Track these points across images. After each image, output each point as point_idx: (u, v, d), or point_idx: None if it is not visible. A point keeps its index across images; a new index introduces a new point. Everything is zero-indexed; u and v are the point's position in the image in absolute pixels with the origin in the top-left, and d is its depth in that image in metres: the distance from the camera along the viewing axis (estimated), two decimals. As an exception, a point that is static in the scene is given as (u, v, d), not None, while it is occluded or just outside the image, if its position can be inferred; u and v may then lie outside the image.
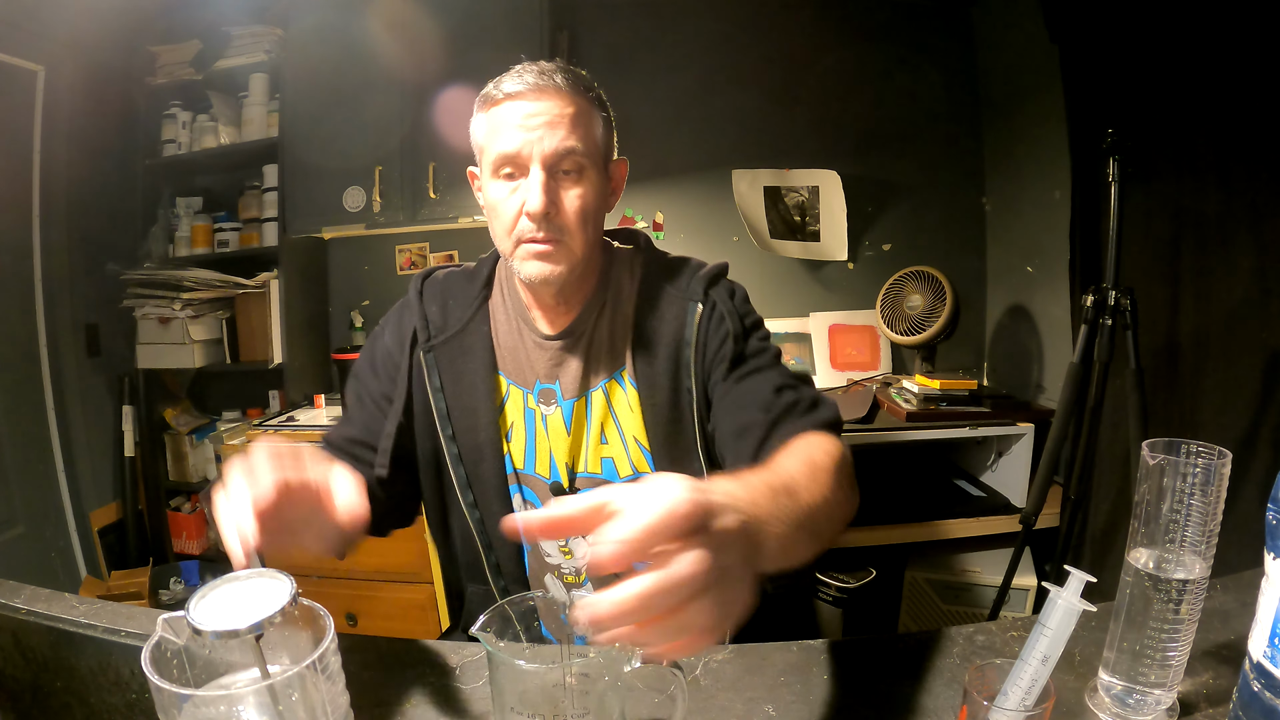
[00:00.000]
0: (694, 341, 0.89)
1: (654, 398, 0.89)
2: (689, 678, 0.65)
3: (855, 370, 2.39)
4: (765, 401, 0.84)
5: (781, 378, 0.88)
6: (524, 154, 0.82)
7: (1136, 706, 0.58)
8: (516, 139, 0.82)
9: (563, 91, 0.83)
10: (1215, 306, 1.59)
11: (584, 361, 0.91)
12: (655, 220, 2.49)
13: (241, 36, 2.41)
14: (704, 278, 0.93)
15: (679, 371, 0.90)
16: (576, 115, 0.84)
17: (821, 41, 2.38)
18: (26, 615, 0.80)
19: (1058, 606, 0.51)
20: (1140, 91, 1.66)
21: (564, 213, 0.84)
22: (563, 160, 0.84)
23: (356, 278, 2.63)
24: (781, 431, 0.80)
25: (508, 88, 0.83)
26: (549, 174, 0.83)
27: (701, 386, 0.89)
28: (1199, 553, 0.55)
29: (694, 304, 0.91)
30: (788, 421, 0.82)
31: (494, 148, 0.84)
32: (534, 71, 0.84)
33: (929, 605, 1.93)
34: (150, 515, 2.60)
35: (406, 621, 2.06)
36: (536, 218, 0.83)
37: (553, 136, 0.82)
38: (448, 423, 0.91)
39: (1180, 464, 0.55)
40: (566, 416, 0.91)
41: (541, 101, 0.83)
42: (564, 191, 0.84)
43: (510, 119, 0.83)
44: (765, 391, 0.85)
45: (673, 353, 0.90)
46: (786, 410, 0.83)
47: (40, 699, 0.82)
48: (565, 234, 0.85)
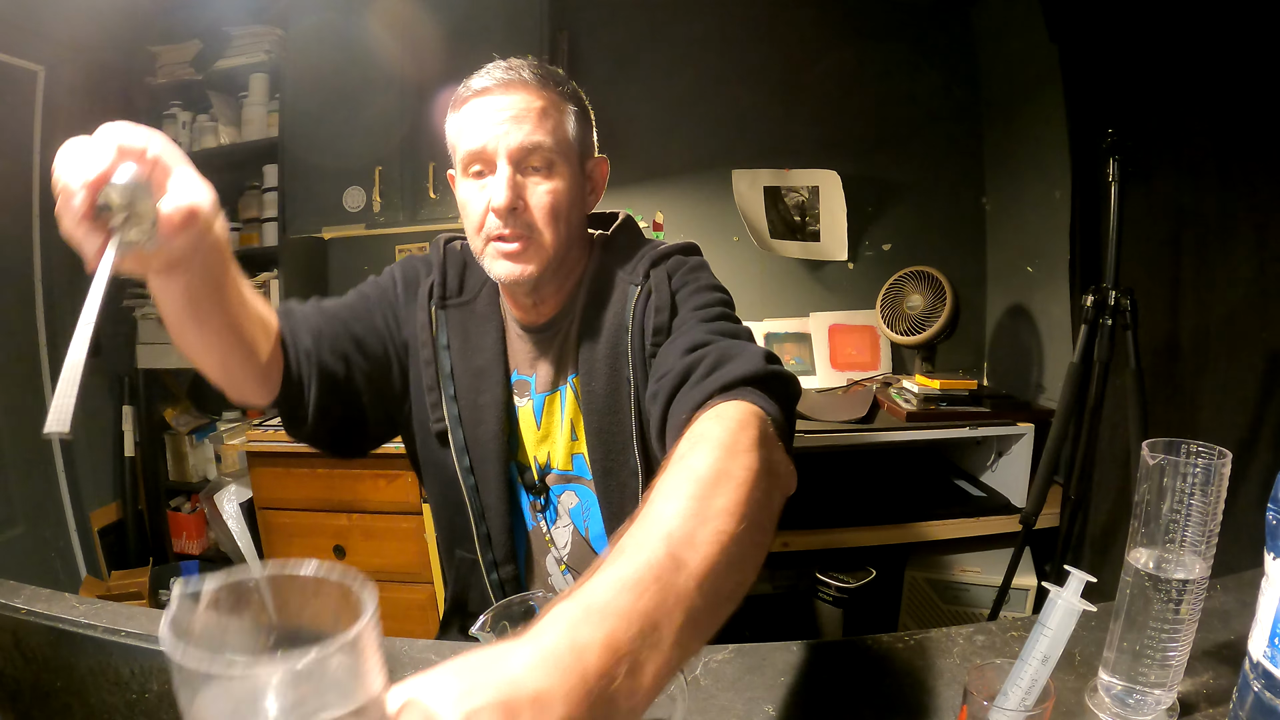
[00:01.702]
0: (630, 327, 0.85)
1: (591, 385, 0.85)
2: (689, 678, 0.65)
3: (855, 370, 2.39)
4: (667, 368, 0.71)
5: (697, 335, 0.74)
6: (489, 149, 0.80)
7: (1136, 706, 0.58)
8: (483, 135, 0.80)
9: (530, 85, 0.81)
10: (1215, 306, 1.59)
11: (557, 356, 0.90)
12: (655, 220, 2.49)
13: (241, 36, 2.41)
14: (650, 258, 0.87)
15: (617, 360, 0.85)
16: (545, 109, 0.81)
17: (821, 41, 2.38)
18: (26, 615, 0.80)
19: (1058, 606, 0.52)
20: (1140, 91, 1.66)
21: (531, 209, 0.81)
22: (530, 155, 0.81)
23: (356, 278, 2.56)
24: (680, 405, 0.67)
25: (475, 84, 0.81)
26: (516, 169, 0.80)
27: (643, 377, 0.83)
28: (1199, 553, 0.55)
29: (634, 287, 0.86)
30: (687, 390, 0.67)
31: (463, 145, 0.82)
32: (502, 67, 0.82)
33: (929, 605, 1.93)
34: (150, 515, 2.60)
35: (406, 621, 2.06)
36: (503, 213, 0.80)
37: (519, 130, 0.79)
38: (450, 382, 0.89)
39: (1180, 464, 0.55)
40: (537, 410, 0.90)
41: (508, 96, 0.80)
42: (532, 187, 0.81)
43: (478, 115, 0.81)
44: (672, 357, 0.73)
45: (612, 339, 0.85)
46: (684, 375, 0.68)
47: (40, 699, 0.82)
48: (534, 231, 0.81)
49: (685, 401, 0.65)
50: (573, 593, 0.37)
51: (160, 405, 2.62)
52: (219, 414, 2.68)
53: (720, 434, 0.53)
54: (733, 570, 0.43)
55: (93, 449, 2.46)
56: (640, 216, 2.48)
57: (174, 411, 2.63)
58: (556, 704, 0.31)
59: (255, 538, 2.32)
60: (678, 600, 0.39)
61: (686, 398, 0.65)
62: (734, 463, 0.49)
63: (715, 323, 0.77)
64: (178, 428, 2.60)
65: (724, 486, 0.47)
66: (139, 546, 2.56)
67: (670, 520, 0.43)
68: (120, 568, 2.47)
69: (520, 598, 0.59)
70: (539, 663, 0.32)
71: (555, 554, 0.93)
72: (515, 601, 0.58)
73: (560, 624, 0.34)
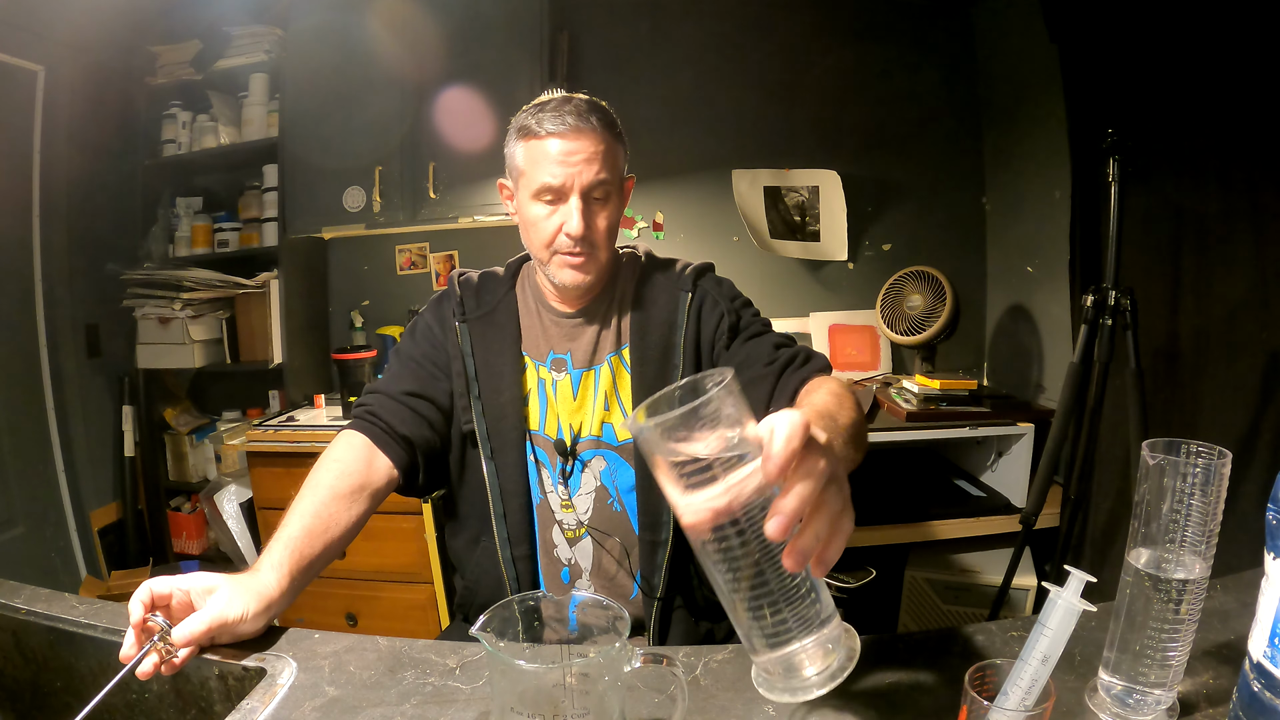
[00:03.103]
0: (683, 326, 1.05)
1: (644, 372, 1.04)
2: (689, 678, 0.65)
3: (855, 370, 2.39)
4: (768, 357, 0.99)
5: (777, 338, 1.04)
6: (566, 186, 0.98)
7: (1136, 706, 0.58)
8: (560, 174, 0.97)
9: (597, 131, 0.98)
10: (1215, 306, 1.59)
11: (594, 338, 1.07)
12: (655, 220, 2.49)
13: (241, 36, 2.41)
14: (692, 272, 1.10)
15: (669, 352, 1.05)
16: (607, 151, 0.99)
17: (821, 41, 2.38)
18: (26, 615, 0.80)
19: (1058, 606, 0.52)
20: (1140, 92, 1.66)
21: (595, 231, 1.00)
22: (596, 189, 0.99)
23: (356, 278, 2.63)
24: (786, 380, 0.95)
25: (550, 127, 0.96)
26: (585, 201, 0.98)
27: (691, 366, 1.05)
28: (1199, 553, 0.55)
29: (684, 294, 1.07)
30: (790, 371, 0.97)
31: (538, 178, 0.98)
32: (572, 113, 0.97)
33: (929, 605, 1.93)
34: (150, 515, 2.60)
35: (407, 621, 2.06)
36: (575, 239, 0.98)
37: (589, 171, 0.98)
38: (475, 383, 1.05)
39: (1180, 464, 0.55)
40: (575, 383, 1.06)
41: (580, 140, 0.97)
42: (596, 214, 1.00)
43: (552, 154, 0.97)
44: (766, 349, 1.01)
45: (664, 336, 1.06)
46: (787, 363, 0.98)
47: (40, 699, 0.82)
48: (596, 248, 1.01)
49: (793, 379, 0.95)
50: None
51: (160, 405, 2.62)
52: (219, 414, 2.68)
53: (833, 386, 0.89)
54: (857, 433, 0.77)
55: (93, 449, 2.46)
56: (640, 217, 2.49)
57: (174, 411, 2.63)
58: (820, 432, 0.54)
59: (255, 538, 2.32)
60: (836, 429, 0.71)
61: (794, 376, 0.96)
62: (845, 394, 0.87)
63: (775, 332, 1.07)
64: (178, 428, 2.61)
65: (846, 402, 0.83)
66: (139, 546, 2.56)
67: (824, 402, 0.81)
68: (120, 568, 2.47)
69: (520, 597, 0.60)
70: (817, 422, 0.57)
71: (567, 523, 1.07)
72: (515, 601, 0.59)
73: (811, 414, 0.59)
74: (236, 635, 0.74)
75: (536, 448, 1.07)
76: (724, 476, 0.48)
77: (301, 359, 2.47)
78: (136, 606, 0.70)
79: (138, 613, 0.70)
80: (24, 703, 0.83)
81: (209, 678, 0.73)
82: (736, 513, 0.48)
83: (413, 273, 2.59)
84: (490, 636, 0.55)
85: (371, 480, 0.96)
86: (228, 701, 0.71)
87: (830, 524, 0.50)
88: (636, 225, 2.49)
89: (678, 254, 1.14)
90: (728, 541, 0.49)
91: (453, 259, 2.55)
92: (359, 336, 2.60)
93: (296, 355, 2.44)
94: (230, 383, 2.68)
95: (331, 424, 2.15)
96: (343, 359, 2.24)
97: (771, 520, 0.47)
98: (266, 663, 0.71)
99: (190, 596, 0.74)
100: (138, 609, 0.70)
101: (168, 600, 0.73)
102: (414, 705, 0.65)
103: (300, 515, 0.87)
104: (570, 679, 0.53)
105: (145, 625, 0.70)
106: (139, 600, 0.70)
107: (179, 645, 0.70)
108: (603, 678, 0.53)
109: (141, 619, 0.69)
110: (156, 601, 0.72)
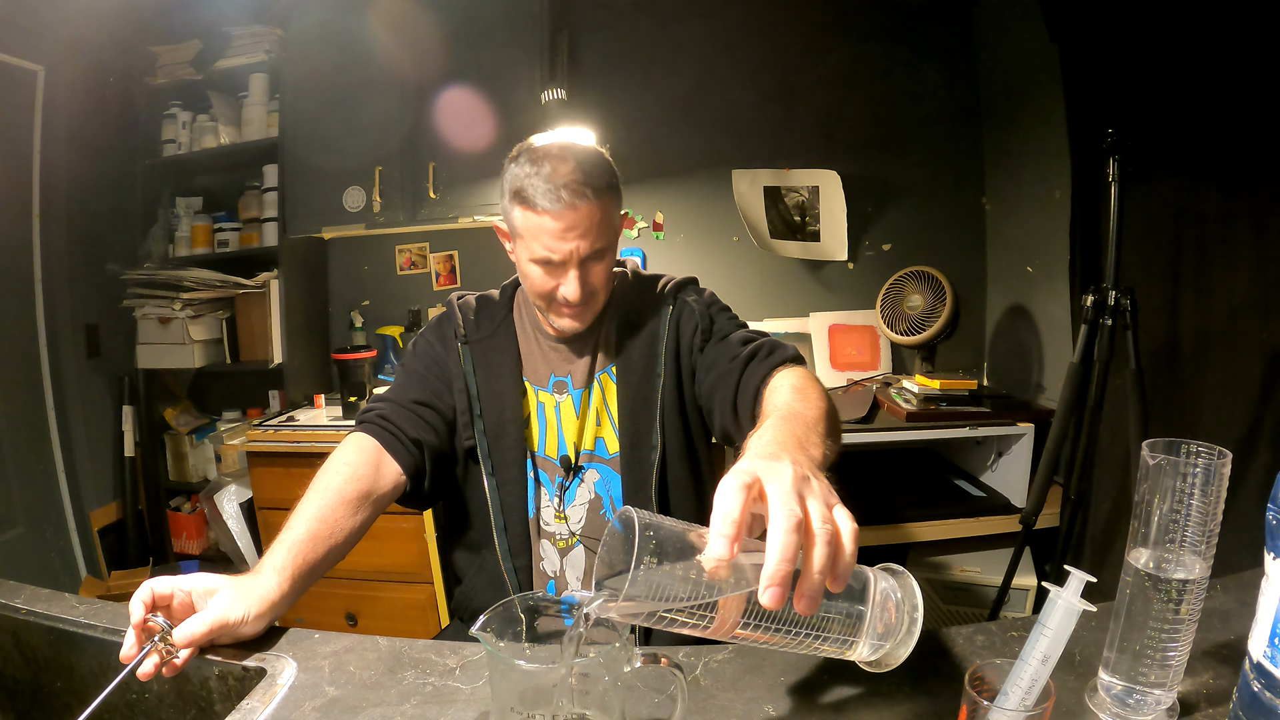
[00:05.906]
0: (664, 337, 1.09)
1: (629, 378, 1.08)
2: (689, 678, 0.65)
3: (855, 370, 2.39)
4: (733, 353, 1.02)
5: (745, 334, 1.06)
6: (564, 260, 0.98)
7: (1136, 706, 0.58)
8: (556, 249, 0.97)
9: (592, 202, 0.96)
10: (1215, 306, 1.59)
11: (591, 358, 1.10)
12: (655, 220, 2.49)
13: (241, 36, 2.41)
14: (674, 287, 1.14)
15: (653, 362, 1.09)
16: (603, 218, 0.99)
17: (821, 41, 2.38)
18: (26, 615, 0.80)
19: (1058, 606, 0.51)
20: (1140, 91, 1.66)
21: (591, 285, 1.02)
22: (592, 255, 1.00)
23: (356, 278, 2.63)
24: (751, 373, 0.97)
25: (544, 204, 0.95)
26: (581, 268, 0.99)
27: (672, 375, 1.08)
28: (1199, 553, 0.55)
29: (666, 307, 1.11)
30: (756, 363, 0.98)
31: (535, 249, 0.98)
32: (568, 189, 0.95)
33: (929, 605, 1.92)
34: (150, 515, 2.60)
35: (406, 621, 2.06)
36: (574, 303, 1.01)
37: (585, 244, 0.98)
38: (477, 403, 1.08)
39: (1180, 464, 0.55)
40: (576, 402, 1.09)
41: (576, 214, 0.96)
42: (592, 271, 1.01)
43: (548, 228, 0.97)
44: (733, 346, 1.03)
45: (649, 348, 1.09)
46: (751, 356, 0.99)
47: (40, 699, 0.82)
48: (594, 298, 1.04)
49: (758, 371, 0.96)
50: (761, 429, 0.69)
51: (160, 405, 2.62)
52: (219, 414, 2.68)
53: (795, 379, 0.89)
54: (828, 422, 0.77)
55: (93, 449, 2.46)
56: (640, 217, 2.48)
57: (174, 411, 2.63)
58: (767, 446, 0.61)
59: (255, 538, 2.32)
60: (805, 426, 0.70)
61: (759, 368, 0.96)
62: (810, 385, 0.87)
63: (746, 331, 1.08)
64: (178, 428, 2.61)
65: (811, 393, 0.84)
66: (139, 546, 2.56)
67: (786, 402, 0.81)
68: (120, 568, 2.47)
69: (519, 597, 0.60)
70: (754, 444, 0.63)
71: (559, 534, 1.10)
72: (513, 602, 0.59)
73: (770, 430, 0.68)
74: (237, 637, 0.74)
75: (538, 469, 1.09)
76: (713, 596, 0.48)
77: (301, 359, 2.47)
78: (137, 607, 0.70)
79: (138, 613, 0.69)
80: (24, 703, 0.83)
81: (209, 677, 0.73)
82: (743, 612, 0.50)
83: (413, 273, 2.59)
84: (490, 636, 0.55)
85: (379, 485, 0.97)
86: (228, 701, 0.71)
87: (827, 548, 0.49)
88: (636, 225, 2.49)
89: (678, 254, 1.16)
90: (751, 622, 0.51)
91: (453, 259, 2.55)
92: (359, 336, 2.59)
93: (296, 355, 2.44)
94: (230, 383, 2.68)
95: (331, 424, 2.15)
96: (343, 359, 2.24)
97: (765, 593, 0.46)
98: (266, 663, 0.71)
99: (191, 597, 0.74)
100: (138, 609, 0.70)
101: (169, 601, 0.73)
102: (414, 705, 0.65)
103: (306, 519, 0.88)
104: (570, 679, 0.53)
105: (146, 626, 0.69)
106: (140, 600, 0.70)
107: (180, 646, 0.70)
108: (603, 678, 0.53)
109: (142, 619, 0.69)
110: (157, 602, 0.72)
